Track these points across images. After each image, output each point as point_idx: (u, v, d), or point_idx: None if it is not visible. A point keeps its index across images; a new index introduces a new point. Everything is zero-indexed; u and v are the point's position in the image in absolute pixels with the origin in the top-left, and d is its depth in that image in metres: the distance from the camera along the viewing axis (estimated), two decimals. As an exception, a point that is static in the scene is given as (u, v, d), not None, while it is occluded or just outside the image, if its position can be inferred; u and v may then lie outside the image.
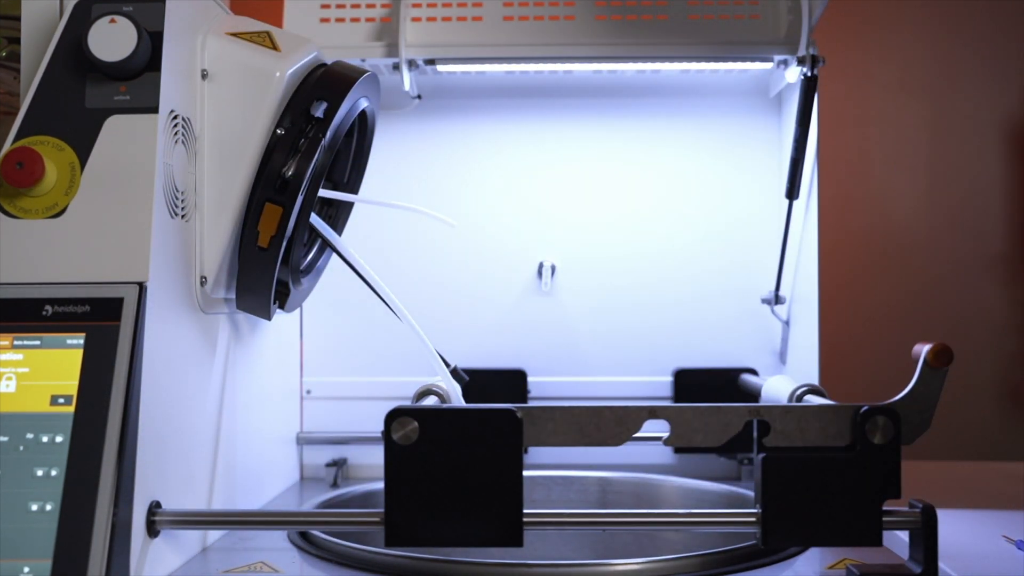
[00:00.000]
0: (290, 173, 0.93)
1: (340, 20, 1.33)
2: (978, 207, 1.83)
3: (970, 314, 1.82)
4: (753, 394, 1.26)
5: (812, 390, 1.06)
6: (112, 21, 0.85)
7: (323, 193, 1.04)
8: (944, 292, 1.82)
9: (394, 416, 0.77)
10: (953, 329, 1.81)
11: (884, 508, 0.78)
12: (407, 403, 0.85)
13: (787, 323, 1.40)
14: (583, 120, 1.46)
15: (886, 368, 1.71)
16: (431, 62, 1.31)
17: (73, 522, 0.73)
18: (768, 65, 1.32)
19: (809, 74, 1.28)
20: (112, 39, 0.85)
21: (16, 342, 0.79)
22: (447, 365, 1.08)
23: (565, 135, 1.46)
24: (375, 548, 0.90)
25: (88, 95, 0.86)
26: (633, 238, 1.45)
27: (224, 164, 0.94)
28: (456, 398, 1.05)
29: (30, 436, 0.76)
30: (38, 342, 0.79)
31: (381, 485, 0.78)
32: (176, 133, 0.89)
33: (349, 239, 1.14)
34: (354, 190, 1.18)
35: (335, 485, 1.32)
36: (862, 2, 1.82)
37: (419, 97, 1.40)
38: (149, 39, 0.86)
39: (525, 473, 0.77)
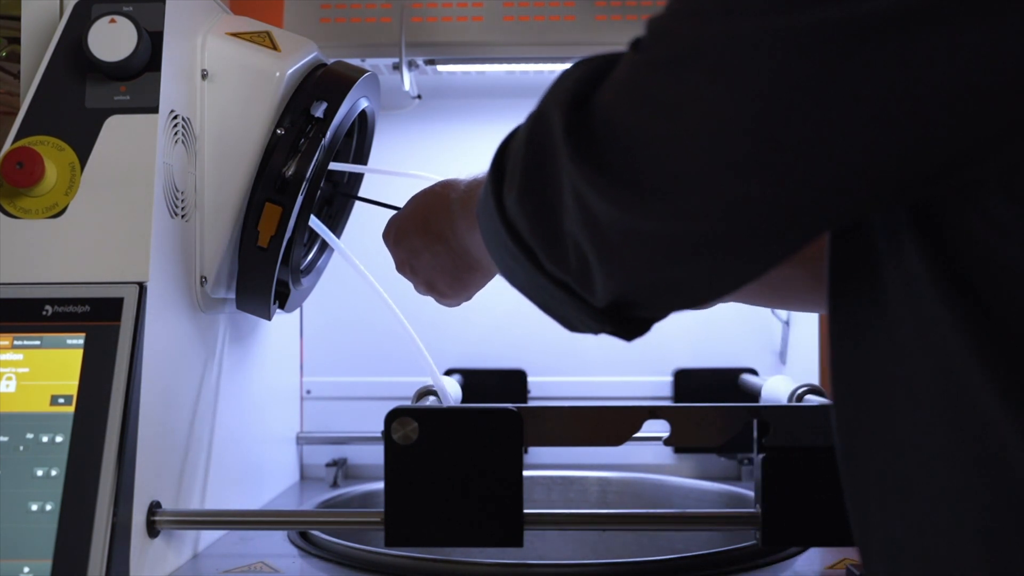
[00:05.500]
0: (290, 173, 0.93)
1: (340, 20, 1.33)
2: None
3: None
4: (753, 394, 1.26)
5: (812, 390, 1.06)
6: (112, 21, 0.85)
7: (333, 166, 1.03)
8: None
9: (394, 416, 0.77)
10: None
11: (884, 508, 0.77)
12: (407, 403, 0.85)
13: (787, 323, 1.40)
14: (583, 120, 1.45)
15: (886, 368, 1.71)
16: (431, 62, 1.31)
17: (73, 522, 0.73)
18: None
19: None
20: (112, 39, 0.85)
21: (16, 342, 0.79)
22: None
23: (565, 135, 1.45)
24: (375, 548, 0.90)
25: (88, 95, 0.86)
26: (633, 238, 1.44)
27: (224, 164, 0.94)
28: (453, 400, 1.05)
29: (30, 436, 0.76)
30: (38, 342, 0.79)
31: (381, 485, 0.78)
32: (176, 133, 0.89)
33: (349, 239, 1.14)
34: (354, 190, 1.18)
35: (335, 485, 1.32)
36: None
37: (419, 97, 1.40)
38: (149, 39, 0.86)
39: (525, 473, 0.77)
